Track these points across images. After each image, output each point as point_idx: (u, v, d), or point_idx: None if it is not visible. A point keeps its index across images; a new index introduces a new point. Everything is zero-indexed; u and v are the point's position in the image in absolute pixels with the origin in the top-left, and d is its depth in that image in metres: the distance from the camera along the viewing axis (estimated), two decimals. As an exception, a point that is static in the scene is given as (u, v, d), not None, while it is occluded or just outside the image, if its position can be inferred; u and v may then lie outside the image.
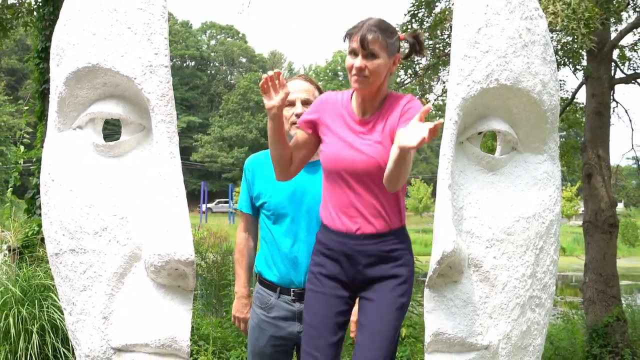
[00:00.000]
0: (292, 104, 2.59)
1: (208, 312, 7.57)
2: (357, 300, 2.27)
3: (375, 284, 2.18)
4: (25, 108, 7.33)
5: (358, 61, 2.08)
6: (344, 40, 2.17)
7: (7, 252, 5.45)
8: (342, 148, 2.18)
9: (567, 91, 9.19)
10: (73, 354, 3.86)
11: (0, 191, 26.88)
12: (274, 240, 2.58)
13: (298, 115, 2.53)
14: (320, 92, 2.66)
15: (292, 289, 2.54)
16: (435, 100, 8.82)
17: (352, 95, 2.26)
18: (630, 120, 9.50)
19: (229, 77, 59.00)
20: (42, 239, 3.15)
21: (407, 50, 2.28)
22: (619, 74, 8.94)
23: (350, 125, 2.21)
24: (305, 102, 2.59)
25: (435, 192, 2.13)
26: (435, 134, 1.83)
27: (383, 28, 2.10)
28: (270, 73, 2.11)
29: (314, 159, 2.46)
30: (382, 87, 2.19)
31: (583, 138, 8.30)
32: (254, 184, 2.68)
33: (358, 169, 2.14)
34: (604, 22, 7.06)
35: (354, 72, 2.10)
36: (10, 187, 6.51)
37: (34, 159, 6.71)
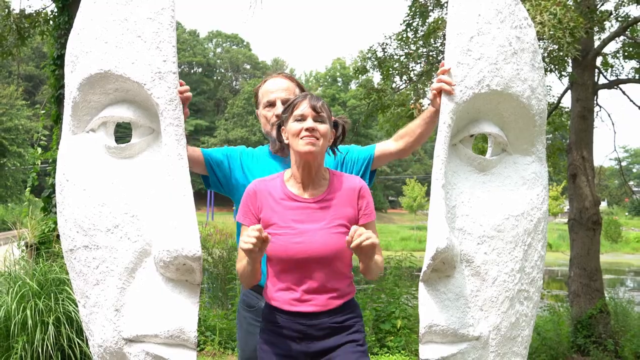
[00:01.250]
0: (272, 104, 2.39)
1: (214, 305, 7.57)
2: None
3: (332, 352, 2.04)
4: (42, 112, 7.32)
5: (309, 122, 2.00)
6: (284, 113, 2.08)
7: (24, 248, 5.45)
8: (291, 238, 2.00)
9: (554, 96, 9.20)
10: (87, 344, 3.86)
11: (18, 191, 26.89)
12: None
13: (278, 117, 2.27)
14: (302, 89, 2.45)
15: None
16: (428, 104, 8.79)
17: (284, 177, 2.12)
18: (613, 124, 9.51)
19: (234, 83, 58.99)
20: (58, 236, 3.14)
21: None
22: (602, 80, 8.94)
23: (295, 210, 2.04)
24: (286, 102, 2.28)
25: (429, 191, 2.13)
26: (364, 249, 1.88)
27: (323, 101, 2.07)
28: (256, 234, 1.86)
29: (284, 154, 2.34)
30: (323, 157, 2.08)
31: (568, 140, 8.31)
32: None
33: (310, 256, 1.98)
34: (588, 31, 7.06)
35: (304, 133, 1.98)
36: (28, 186, 6.50)
37: (50, 160, 6.70)
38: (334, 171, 2.14)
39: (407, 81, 8.63)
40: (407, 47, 8.47)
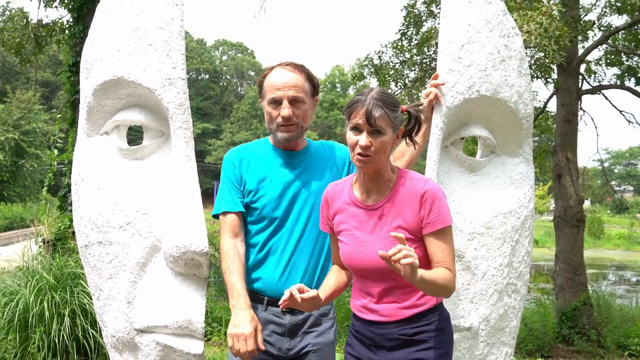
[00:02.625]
0: (277, 102, 1.97)
1: (220, 298, 7.56)
2: None
3: None
4: (58, 116, 7.30)
5: (363, 139, 1.69)
6: (345, 115, 1.77)
7: (42, 244, 5.44)
8: (353, 248, 1.80)
9: (540, 101, 9.19)
10: (100, 334, 3.86)
11: (36, 190, 26.88)
12: (263, 244, 2.00)
13: (285, 118, 1.96)
14: (312, 81, 2.04)
15: None
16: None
17: (352, 180, 1.89)
18: (596, 127, 9.51)
19: (239, 89, 58.96)
20: (73, 233, 3.13)
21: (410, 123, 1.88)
22: (585, 86, 8.94)
23: (357, 217, 1.82)
24: (294, 100, 1.96)
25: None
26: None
27: (387, 102, 1.72)
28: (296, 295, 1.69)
29: (296, 149, 2.06)
30: (386, 165, 1.80)
31: (554, 142, 8.30)
32: (247, 175, 2.04)
33: (370, 267, 1.76)
34: (573, 40, 7.06)
35: (357, 150, 1.71)
36: (45, 186, 6.49)
37: (66, 161, 6.69)
38: (402, 171, 1.83)
39: (402, 87, 8.63)
40: (402, 55, 8.48)
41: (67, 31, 7.63)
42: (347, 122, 1.76)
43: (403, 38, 8.45)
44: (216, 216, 2.07)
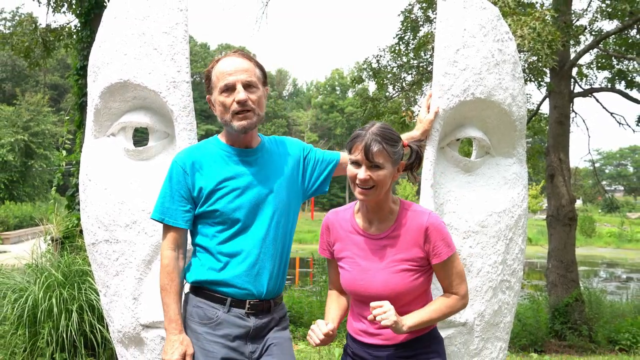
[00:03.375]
0: (230, 88, 1.79)
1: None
2: None
3: None
4: (66, 118, 7.31)
5: (362, 172, 1.70)
6: (346, 148, 1.78)
7: (50, 242, 5.44)
8: (356, 275, 1.80)
9: (533, 103, 9.20)
10: (107, 330, 3.86)
11: (44, 190, 26.88)
12: (226, 247, 1.81)
13: (240, 103, 1.78)
14: (262, 68, 1.89)
15: (247, 301, 1.80)
16: (419, 111, 8.79)
17: (354, 209, 1.88)
18: (587, 129, 9.53)
19: (241, 92, 58.88)
20: (81, 231, 3.13)
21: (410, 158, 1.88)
22: (577, 89, 8.95)
23: (360, 245, 1.81)
24: (248, 85, 1.80)
25: (419, 190, 2.12)
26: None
27: (387, 137, 1.72)
28: (324, 332, 1.73)
29: (251, 145, 1.89)
30: (387, 196, 1.79)
31: (546, 144, 8.31)
32: (202, 180, 1.82)
33: (372, 295, 1.76)
34: (565, 44, 7.06)
35: (358, 182, 1.72)
36: (54, 186, 6.50)
37: (74, 162, 6.69)
38: (404, 203, 1.83)
39: (400, 90, 8.63)
40: (399, 58, 8.48)
41: (74, 36, 7.63)
42: (348, 155, 1.76)
43: (400, 42, 8.44)
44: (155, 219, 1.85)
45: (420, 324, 1.73)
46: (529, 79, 7.03)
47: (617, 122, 9.51)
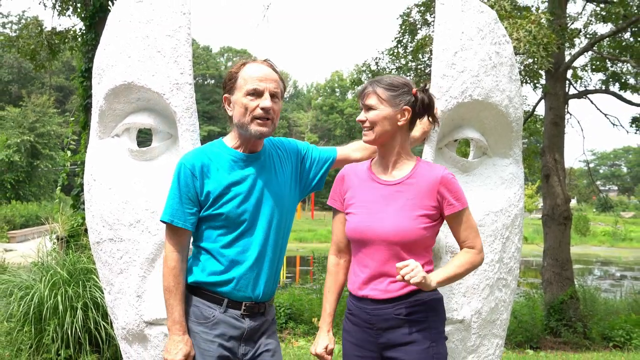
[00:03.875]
0: (258, 94, 1.80)
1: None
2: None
3: (396, 347, 1.77)
4: (71, 119, 7.31)
5: (361, 115, 1.83)
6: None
7: (56, 240, 5.44)
8: (363, 218, 1.80)
9: (529, 105, 9.20)
10: (111, 327, 3.86)
11: (50, 190, 26.87)
12: (228, 250, 1.81)
13: (265, 109, 1.79)
14: (284, 85, 1.93)
15: (244, 303, 1.81)
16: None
17: (372, 160, 1.93)
18: (582, 130, 9.60)
19: (243, 93, 58.89)
20: (86, 230, 3.13)
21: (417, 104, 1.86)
22: (572, 91, 8.96)
23: (373, 191, 1.83)
24: (273, 95, 1.82)
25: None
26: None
27: (384, 82, 1.80)
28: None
29: (256, 150, 1.89)
30: (395, 142, 1.82)
31: (542, 144, 8.30)
32: (210, 183, 1.81)
33: (377, 239, 1.76)
34: (560, 47, 7.06)
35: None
36: (59, 186, 6.50)
37: (79, 162, 6.70)
38: (422, 161, 1.88)
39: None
40: (398, 61, 8.48)
41: (79, 38, 7.63)
42: None
43: (399, 45, 8.45)
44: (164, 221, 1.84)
45: (447, 280, 1.75)
46: (525, 81, 7.04)
47: (611, 123, 9.52)
